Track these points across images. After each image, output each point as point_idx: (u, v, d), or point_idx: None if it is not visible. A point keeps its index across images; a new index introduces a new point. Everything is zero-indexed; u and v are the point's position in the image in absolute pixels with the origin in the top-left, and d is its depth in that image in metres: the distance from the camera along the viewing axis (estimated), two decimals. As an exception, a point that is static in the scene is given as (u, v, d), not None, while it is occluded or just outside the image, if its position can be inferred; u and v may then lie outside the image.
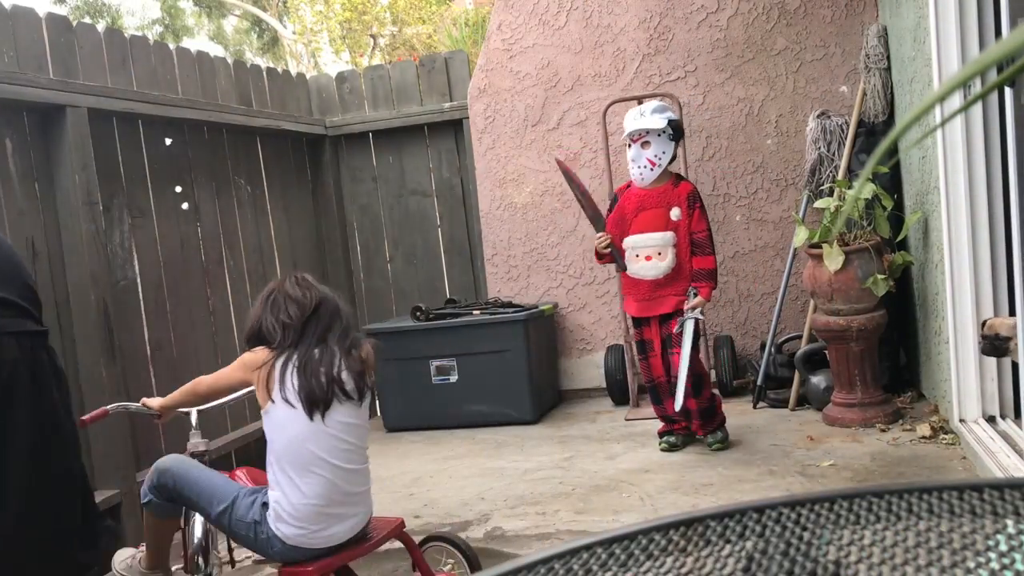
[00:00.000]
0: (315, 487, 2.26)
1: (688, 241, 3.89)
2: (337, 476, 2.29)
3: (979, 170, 3.44)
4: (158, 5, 22.49)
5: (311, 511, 2.26)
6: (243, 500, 2.35)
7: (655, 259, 3.88)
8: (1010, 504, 0.60)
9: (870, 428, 4.02)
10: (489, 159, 5.49)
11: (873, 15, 4.90)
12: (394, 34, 17.44)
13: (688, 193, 3.93)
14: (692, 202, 3.91)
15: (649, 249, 3.90)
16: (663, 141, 3.86)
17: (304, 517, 2.26)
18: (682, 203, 3.90)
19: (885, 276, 3.99)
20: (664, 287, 3.90)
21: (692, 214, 3.89)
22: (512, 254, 5.49)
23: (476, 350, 4.87)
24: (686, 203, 3.90)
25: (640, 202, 3.93)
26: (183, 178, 4.27)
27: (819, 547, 0.57)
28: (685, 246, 3.90)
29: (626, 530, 0.62)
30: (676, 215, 3.89)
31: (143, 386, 3.83)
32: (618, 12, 5.22)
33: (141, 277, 3.91)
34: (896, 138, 0.42)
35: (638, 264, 3.91)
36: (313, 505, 2.26)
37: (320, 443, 2.27)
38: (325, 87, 5.73)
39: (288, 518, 2.26)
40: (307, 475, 2.26)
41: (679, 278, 3.89)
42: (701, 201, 3.96)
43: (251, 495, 2.37)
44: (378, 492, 2.78)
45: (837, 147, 4.64)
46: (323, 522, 2.28)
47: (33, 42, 3.43)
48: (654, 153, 3.85)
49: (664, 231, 3.89)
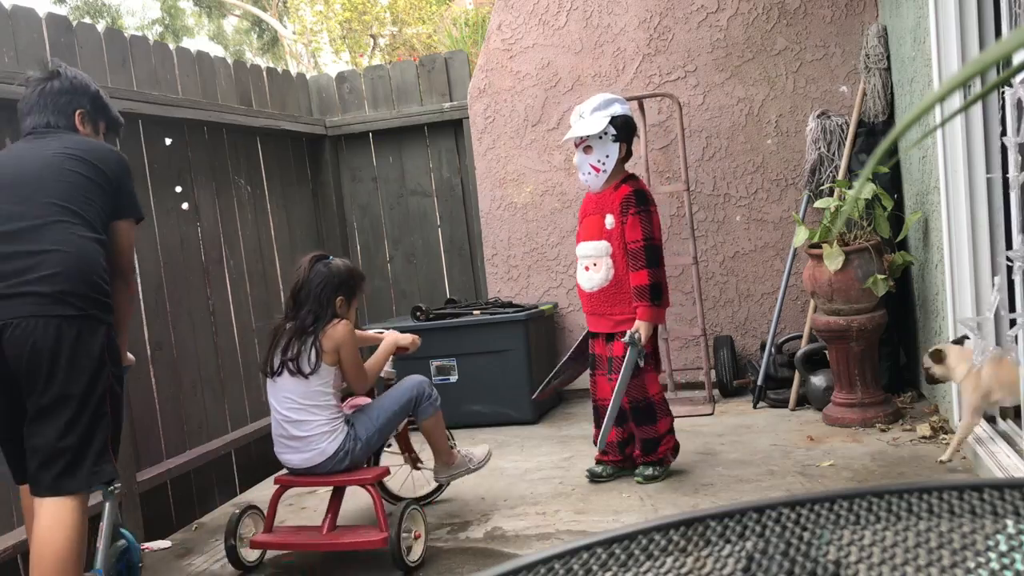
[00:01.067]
0: (273, 422, 3.12)
1: (623, 252, 3.50)
2: (282, 419, 3.06)
3: (979, 170, 3.44)
4: (158, 5, 22.50)
5: (275, 439, 3.13)
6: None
7: (591, 270, 3.56)
8: (1010, 504, 0.60)
9: (870, 428, 4.02)
10: (489, 159, 5.49)
11: (873, 15, 4.90)
12: (394, 34, 17.44)
13: (623, 198, 3.49)
14: (626, 208, 3.47)
15: (587, 259, 3.59)
16: (605, 143, 3.48)
17: (274, 442, 3.14)
18: (615, 209, 3.51)
19: (885, 276, 3.99)
20: (601, 303, 3.56)
21: (625, 221, 3.47)
22: (512, 254, 5.49)
23: (476, 350, 4.87)
24: (619, 209, 3.49)
25: (586, 206, 3.66)
26: (183, 178, 4.27)
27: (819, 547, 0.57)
28: (621, 258, 3.50)
29: (626, 530, 0.62)
30: (609, 223, 3.52)
31: (143, 386, 3.83)
32: (618, 12, 5.22)
33: (141, 277, 3.90)
34: (896, 138, 0.42)
35: (581, 274, 3.62)
36: (274, 434, 3.12)
37: (271, 390, 3.11)
38: (325, 87, 5.73)
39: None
40: (272, 410, 3.12)
41: (618, 294, 3.51)
42: (642, 206, 3.48)
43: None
44: (378, 492, 2.87)
45: (837, 147, 4.64)
46: (280, 448, 3.10)
47: (33, 42, 3.42)
48: (597, 158, 3.50)
49: (598, 240, 3.53)
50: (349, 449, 3.04)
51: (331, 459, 3.03)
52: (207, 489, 4.12)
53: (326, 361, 3.02)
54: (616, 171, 3.55)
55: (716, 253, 5.20)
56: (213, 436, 4.22)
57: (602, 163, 3.51)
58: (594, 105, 3.52)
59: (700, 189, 5.19)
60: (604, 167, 3.51)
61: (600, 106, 3.51)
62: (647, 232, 3.46)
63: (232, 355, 4.48)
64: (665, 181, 5.21)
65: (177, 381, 4.05)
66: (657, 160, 5.21)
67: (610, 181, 3.55)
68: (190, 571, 3.29)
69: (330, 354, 3.03)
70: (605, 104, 3.52)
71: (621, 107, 3.54)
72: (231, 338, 4.48)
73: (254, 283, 4.72)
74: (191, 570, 3.29)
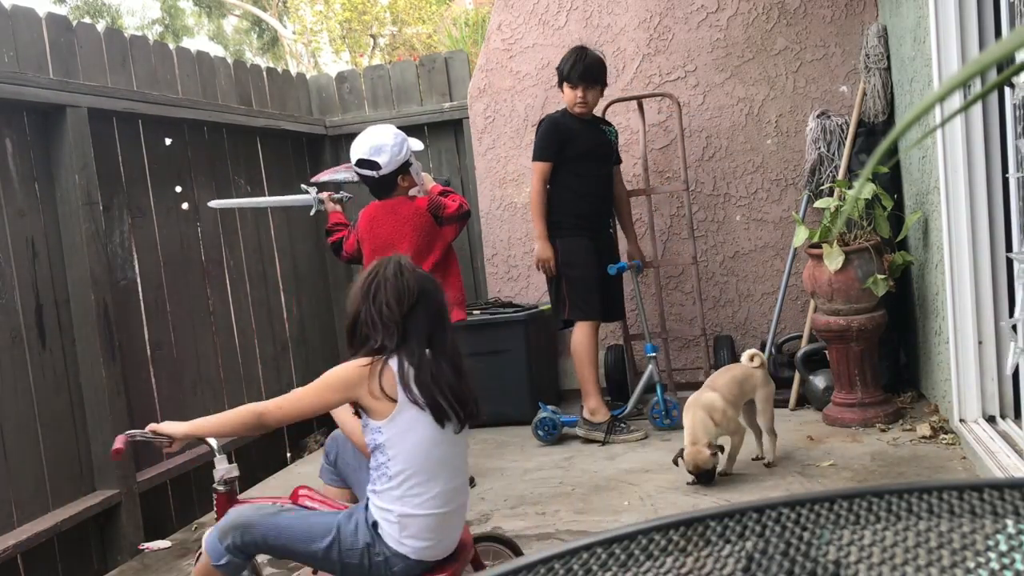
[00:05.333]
0: (442, 495, 2.14)
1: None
2: (455, 484, 2.20)
3: (979, 170, 3.44)
4: (158, 5, 22.49)
5: (437, 520, 2.14)
6: (347, 526, 2.15)
7: None
8: (1010, 504, 0.60)
9: (870, 428, 4.02)
10: (489, 159, 5.49)
11: (873, 15, 4.90)
12: (394, 34, 17.44)
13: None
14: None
15: None
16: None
17: (434, 527, 2.14)
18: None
19: (885, 276, 3.99)
20: None
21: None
22: (512, 254, 5.49)
23: (476, 350, 4.86)
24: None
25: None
26: (183, 178, 4.27)
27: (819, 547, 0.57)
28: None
29: (626, 530, 0.62)
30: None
31: (143, 386, 3.83)
32: (618, 12, 5.22)
33: (141, 277, 3.90)
34: (896, 138, 0.42)
35: None
36: (441, 514, 2.15)
37: (444, 449, 2.16)
38: (325, 87, 5.73)
39: (418, 530, 2.12)
40: (433, 483, 2.13)
41: None
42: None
43: (351, 518, 2.18)
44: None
45: (837, 147, 4.64)
46: (445, 531, 2.18)
47: (33, 42, 3.43)
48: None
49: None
50: None
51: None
52: (207, 489, 4.11)
53: None
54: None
55: (716, 253, 5.20)
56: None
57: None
58: (356, 157, 3.55)
59: (700, 189, 5.19)
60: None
61: (364, 156, 3.52)
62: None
63: (232, 355, 4.48)
64: (665, 181, 5.21)
65: (177, 381, 4.05)
66: (657, 160, 5.21)
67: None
68: (190, 571, 3.29)
69: None
70: (378, 150, 3.52)
71: (388, 153, 3.53)
72: (231, 338, 4.48)
73: (254, 283, 4.72)
74: (191, 570, 3.29)
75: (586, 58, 4.34)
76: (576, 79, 4.32)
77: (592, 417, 4.34)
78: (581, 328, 4.38)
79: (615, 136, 4.62)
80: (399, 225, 3.58)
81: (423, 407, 2.12)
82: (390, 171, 3.52)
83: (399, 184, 3.59)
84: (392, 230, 3.58)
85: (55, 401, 3.36)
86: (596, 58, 4.38)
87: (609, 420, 4.30)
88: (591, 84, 4.35)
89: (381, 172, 3.51)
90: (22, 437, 3.21)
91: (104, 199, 3.64)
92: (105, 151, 3.72)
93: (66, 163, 3.43)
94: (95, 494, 3.46)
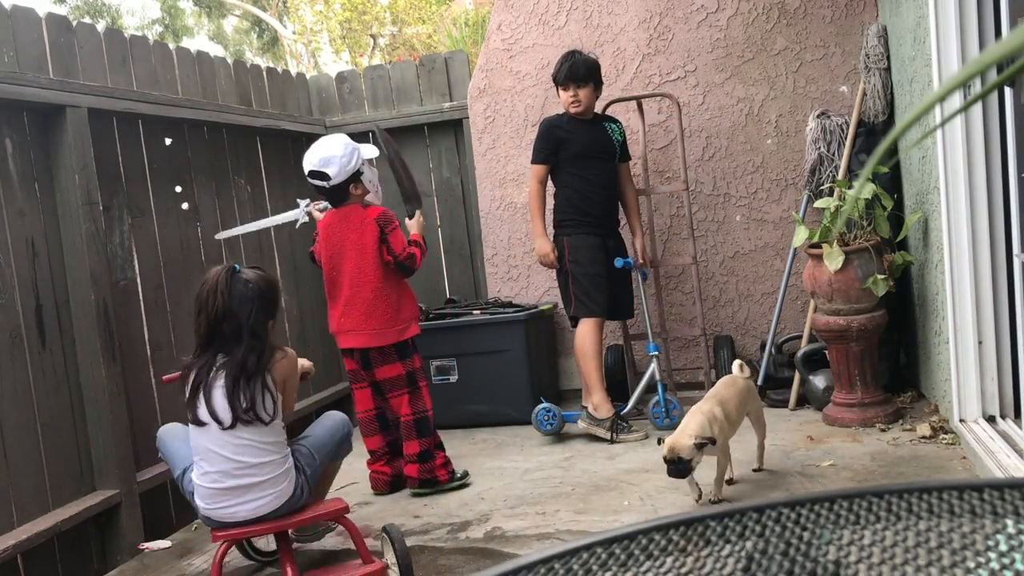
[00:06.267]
0: (211, 474, 2.70)
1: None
2: (228, 466, 2.68)
3: (979, 170, 3.44)
4: (158, 5, 22.50)
5: (207, 492, 2.71)
6: (188, 473, 2.83)
7: None
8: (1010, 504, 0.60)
9: (870, 428, 4.02)
10: (489, 159, 5.49)
11: (873, 15, 4.90)
12: (394, 34, 17.44)
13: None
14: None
15: None
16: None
17: (204, 496, 2.72)
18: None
19: (885, 276, 3.99)
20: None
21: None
22: (512, 254, 5.49)
23: (476, 350, 4.87)
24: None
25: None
26: (183, 178, 4.27)
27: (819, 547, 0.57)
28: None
29: (626, 530, 0.62)
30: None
31: (143, 386, 3.83)
32: (618, 12, 5.22)
33: (141, 277, 3.90)
34: (896, 138, 0.42)
35: None
36: (208, 488, 2.70)
37: (212, 439, 2.69)
38: (325, 87, 5.73)
39: (198, 497, 2.75)
40: (203, 462, 2.73)
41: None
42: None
43: (190, 468, 2.82)
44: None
45: (837, 147, 4.64)
46: (219, 502, 2.70)
47: (33, 42, 3.42)
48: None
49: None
50: (302, 485, 2.81)
51: (291, 500, 2.77)
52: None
53: (278, 391, 2.75)
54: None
55: (716, 253, 5.20)
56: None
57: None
58: (315, 159, 3.64)
59: (700, 189, 5.19)
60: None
61: (321, 161, 3.62)
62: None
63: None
64: (665, 181, 5.21)
65: (177, 381, 4.05)
66: (657, 160, 5.21)
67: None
68: (190, 571, 3.29)
69: (279, 384, 2.76)
70: (326, 161, 3.62)
71: (342, 161, 3.64)
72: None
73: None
74: (191, 570, 3.29)
75: (573, 58, 4.43)
76: (563, 79, 4.42)
77: (596, 412, 4.35)
78: (585, 324, 4.40)
79: (621, 134, 4.63)
80: (347, 232, 3.73)
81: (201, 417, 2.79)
82: (340, 181, 3.65)
83: (351, 193, 3.72)
84: (340, 237, 3.74)
85: (55, 401, 3.36)
86: (585, 58, 4.46)
87: (613, 417, 4.31)
88: (580, 83, 4.40)
89: (331, 182, 3.65)
90: (22, 437, 3.21)
91: (104, 199, 3.64)
92: (105, 151, 3.72)
93: (66, 163, 3.43)
94: (95, 494, 3.46)
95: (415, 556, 3.07)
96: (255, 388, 2.66)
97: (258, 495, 2.71)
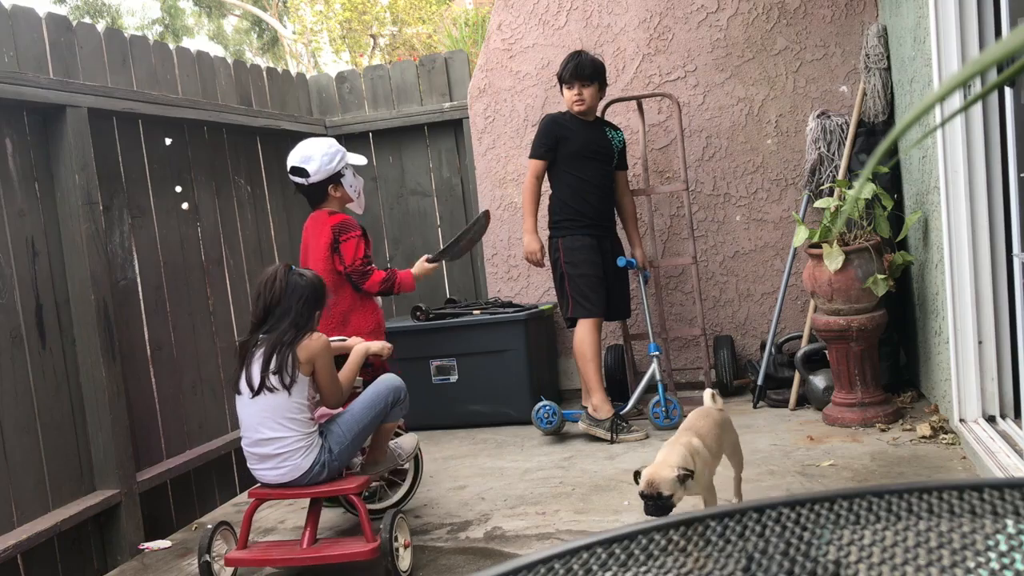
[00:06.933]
0: (244, 437, 3.03)
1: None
2: (252, 435, 2.99)
3: (979, 170, 3.44)
4: (158, 5, 22.51)
5: (246, 452, 3.04)
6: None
7: None
8: (1010, 504, 0.60)
9: (870, 428, 4.02)
10: (489, 159, 5.49)
11: (873, 15, 4.90)
12: (394, 34, 17.44)
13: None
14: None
15: None
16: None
17: (246, 455, 3.06)
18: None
19: (885, 276, 3.99)
20: None
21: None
22: (512, 254, 5.49)
23: (476, 350, 4.87)
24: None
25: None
26: (183, 178, 4.27)
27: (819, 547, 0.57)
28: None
29: (626, 530, 0.62)
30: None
31: (143, 386, 3.83)
32: (618, 12, 5.22)
33: (141, 277, 3.90)
34: (896, 138, 0.42)
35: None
36: (246, 449, 3.03)
37: (243, 407, 3.00)
38: (325, 87, 5.73)
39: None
40: (241, 425, 3.05)
41: None
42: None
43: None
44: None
45: (837, 147, 4.64)
46: (255, 464, 3.02)
47: (33, 42, 3.42)
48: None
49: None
50: (325, 462, 2.97)
51: (307, 473, 2.96)
52: (207, 489, 4.12)
53: (302, 372, 2.93)
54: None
55: (716, 253, 5.20)
56: (213, 436, 4.22)
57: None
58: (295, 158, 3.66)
59: (700, 189, 5.19)
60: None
61: (298, 160, 3.65)
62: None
63: (232, 355, 4.48)
64: (665, 181, 5.21)
65: (177, 381, 4.05)
66: (657, 160, 5.22)
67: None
68: (190, 571, 3.29)
69: (305, 365, 2.94)
70: (302, 159, 3.64)
71: (315, 162, 3.64)
72: (231, 338, 4.48)
73: (254, 283, 4.71)
74: (191, 570, 3.29)
75: (579, 57, 4.44)
76: (569, 77, 4.43)
77: (596, 413, 4.35)
78: (583, 325, 4.40)
79: (621, 142, 4.61)
80: (310, 234, 3.75)
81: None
82: (318, 180, 3.66)
83: (330, 194, 3.72)
84: (306, 238, 3.77)
85: (55, 401, 3.36)
86: (590, 57, 4.47)
87: (613, 417, 4.32)
88: (585, 81, 4.40)
89: (310, 180, 3.66)
90: (22, 437, 3.21)
91: (104, 199, 3.64)
92: (105, 151, 3.72)
93: (66, 163, 3.43)
94: (95, 494, 3.46)
95: (415, 556, 3.08)
96: (284, 361, 2.91)
97: (274, 465, 2.97)
